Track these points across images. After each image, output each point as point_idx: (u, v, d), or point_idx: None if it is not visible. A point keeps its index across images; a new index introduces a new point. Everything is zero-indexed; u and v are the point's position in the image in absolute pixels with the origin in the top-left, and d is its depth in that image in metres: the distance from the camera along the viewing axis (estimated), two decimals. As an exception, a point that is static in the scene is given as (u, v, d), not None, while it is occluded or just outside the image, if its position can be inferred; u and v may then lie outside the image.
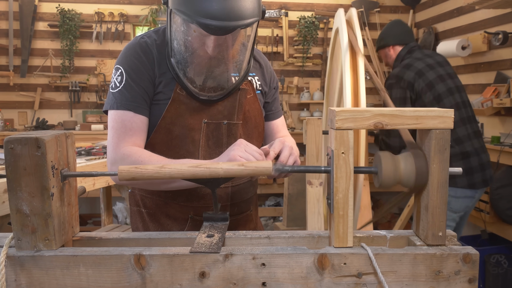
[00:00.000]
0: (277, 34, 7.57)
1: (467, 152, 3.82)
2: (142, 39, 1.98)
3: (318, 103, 7.58)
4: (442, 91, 3.88)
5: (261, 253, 1.34)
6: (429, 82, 3.88)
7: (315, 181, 3.60)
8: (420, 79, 3.89)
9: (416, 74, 3.91)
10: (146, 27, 7.38)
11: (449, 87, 3.91)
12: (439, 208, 1.39)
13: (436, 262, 1.36)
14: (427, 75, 3.91)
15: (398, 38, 4.25)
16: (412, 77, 3.90)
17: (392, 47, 4.28)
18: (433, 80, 3.89)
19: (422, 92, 3.87)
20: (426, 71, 3.93)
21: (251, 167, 1.46)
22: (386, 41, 4.30)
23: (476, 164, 3.83)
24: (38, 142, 1.33)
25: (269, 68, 2.25)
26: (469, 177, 3.80)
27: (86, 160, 4.01)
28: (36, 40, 7.21)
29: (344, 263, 1.35)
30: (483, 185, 3.87)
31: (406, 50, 4.19)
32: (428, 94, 3.86)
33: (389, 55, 4.33)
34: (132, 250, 1.36)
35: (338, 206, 1.38)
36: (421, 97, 3.87)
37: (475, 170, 3.82)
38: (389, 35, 4.29)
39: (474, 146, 3.86)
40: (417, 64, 3.98)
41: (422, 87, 3.87)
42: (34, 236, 1.37)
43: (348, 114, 1.35)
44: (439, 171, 1.37)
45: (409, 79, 3.90)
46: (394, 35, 4.27)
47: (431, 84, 3.88)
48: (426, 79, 3.89)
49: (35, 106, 7.17)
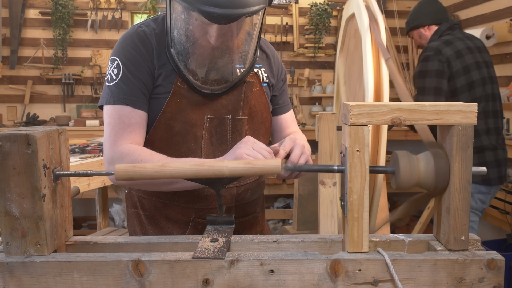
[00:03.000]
0: (287, 22, 7.57)
1: (482, 146, 3.83)
2: (140, 28, 1.98)
3: (330, 97, 7.56)
4: (476, 78, 3.87)
5: (269, 259, 1.34)
6: (466, 66, 3.86)
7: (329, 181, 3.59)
8: (458, 60, 3.87)
9: (455, 54, 3.88)
10: (145, 15, 7.38)
11: (483, 76, 3.91)
12: (462, 210, 1.38)
13: (458, 268, 1.36)
14: (465, 58, 3.88)
15: (434, 17, 4.21)
16: (451, 55, 3.87)
17: (427, 27, 4.24)
18: (470, 65, 3.87)
19: (456, 75, 3.85)
20: (465, 53, 3.90)
21: (259, 165, 1.46)
22: (420, 21, 4.25)
23: (491, 159, 3.84)
24: (28, 139, 1.33)
25: (276, 59, 2.25)
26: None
27: (81, 158, 4.02)
28: (26, 29, 7.24)
29: (359, 269, 1.35)
30: (498, 181, 3.89)
31: (447, 25, 4.14)
32: (462, 78, 3.85)
33: (424, 35, 4.28)
34: (130, 256, 1.36)
35: (353, 208, 1.38)
36: (454, 79, 3.86)
37: (490, 165, 3.83)
38: (424, 14, 4.24)
39: (491, 141, 3.86)
40: (458, 44, 3.95)
41: (458, 69, 3.85)
42: (24, 240, 1.38)
43: (363, 109, 1.35)
44: (461, 171, 1.37)
45: (448, 56, 3.87)
46: (429, 14, 4.22)
47: (468, 68, 3.86)
48: (464, 62, 3.87)
49: (25, 100, 7.20)
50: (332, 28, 7.67)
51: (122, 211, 6.92)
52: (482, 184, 3.87)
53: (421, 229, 5.13)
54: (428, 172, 1.39)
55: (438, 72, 3.86)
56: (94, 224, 6.76)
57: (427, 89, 3.87)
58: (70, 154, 4.13)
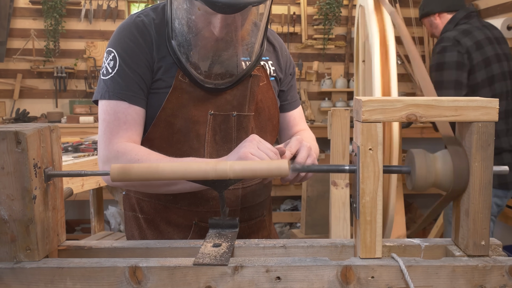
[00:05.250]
0: (294, 12, 7.57)
1: (501, 148, 3.79)
2: (138, 18, 1.98)
3: (341, 92, 7.56)
4: (496, 72, 3.81)
5: (275, 265, 1.34)
6: (486, 58, 3.80)
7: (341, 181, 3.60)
8: (478, 51, 3.79)
9: (475, 44, 3.81)
10: (143, 4, 7.38)
11: (503, 70, 3.85)
12: (482, 213, 1.38)
13: (478, 275, 1.35)
14: (486, 50, 3.81)
15: (445, 4, 4.12)
16: (470, 46, 3.79)
17: (438, 14, 4.16)
18: (491, 57, 3.81)
19: (477, 68, 3.78)
20: (485, 44, 3.83)
21: (264, 166, 1.45)
22: (431, 8, 4.19)
23: (509, 161, 3.81)
24: (18, 136, 1.33)
25: (284, 52, 2.25)
26: (501, 176, 3.76)
27: (74, 157, 4.02)
28: (15, 19, 7.25)
29: (371, 276, 1.35)
30: None
31: (463, 13, 4.05)
32: (483, 72, 3.78)
33: (434, 24, 4.21)
34: (127, 262, 1.36)
35: (365, 211, 1.38)
36: (475, 72, 3.79)
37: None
38: (434, 0, 4.17)
39: (511, 143, 3.83)
40: (477, 33, 3.87)
41: (478, 62, 3.78)
42: (14, 245, 1.38)
43: (377, 105, 1.35)
44: (481, 171, 1.37)
45: (468, 46, 3.78)
46: (440, 0, 4.14)
47: (488, 61, 3.80)
48: (484, 54, 3.80)
49: (14, 95, 7.21)
50: (343, 18, 7.66)
51: (118, 214, 6.93)
52: (498, 188, 3.84)
53: (438, 233, 5.13)
54: (446, 172, 1.39)
55: (458, 64, 3.76)
56: (88, 228, 6.78)
57: (446, 83, 3.78)
58: (62, 153, 4.14)
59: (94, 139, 4.84)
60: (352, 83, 7.30)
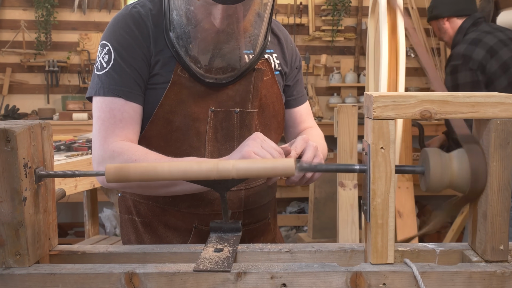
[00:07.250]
0: (301, 1, 7.56)
1: None
2: (134, 9, 1.98)
3: (350, 87, 7.55)
4: None
5: (281, 271, 1.34)
6: (503, 63, 3.77)
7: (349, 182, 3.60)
8: (493, 59, 3.77)
9: (488, 53, 3.78)
10: (139, -6, 7.38)
11: None
12: (500, 216, 1.38)
13: (497, 282, 1.35)
14: (501, 54, 3.79)
15: (455, 8, 4.07)
16: (483, 56, 3.77)
17: (447, 19, 4.12)
18: (508, 60, 3.78)
19: (495, 76, 3.76)
20: (499, 48, 3.81)
21: (269, 166, 1.45)
22: (439, 11, 4.14)
23: None
24: (7, 134, 1.33)
25: (290, 44, 2.25)
26: None
27: (67, 156, 4.03)
28: (4, 9, 7.26)
29: (383, 283, 1.35)
30: None
31: (470, 21, 4.02)
32: (503, 78, 3.76)
33: (443, 29, 4.18)
34: (123, 268, 1.37)
35: (376, 213, 1.38)
36: (493, 82, 3.77)
37: None
38: (443, 2, 4.12)
39: None
40: (487, 39, 3.85)
41: (495, 70, 3.76)
42: (3, 250, 1.38)
43: (389, 100, 1.34)
44: (500, 171, 1.37)
45: (480, 59, 3.77)
46: (449, 3, 4.09)
47: (506, 65, 3.77)
48: (500, 59, 3.77)
49: (3, 90, 7.22)
50: (353, 8, 7.65)
51: (114, 217, 6.93)
52: None
53: (454, 237, 5.12)
54: (462, 172, 1.39)
55: (473, 84, 3.76)
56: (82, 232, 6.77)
57: None
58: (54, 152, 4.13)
59: (88, 137, 4.85)
60: (363, 77, 7.29)
